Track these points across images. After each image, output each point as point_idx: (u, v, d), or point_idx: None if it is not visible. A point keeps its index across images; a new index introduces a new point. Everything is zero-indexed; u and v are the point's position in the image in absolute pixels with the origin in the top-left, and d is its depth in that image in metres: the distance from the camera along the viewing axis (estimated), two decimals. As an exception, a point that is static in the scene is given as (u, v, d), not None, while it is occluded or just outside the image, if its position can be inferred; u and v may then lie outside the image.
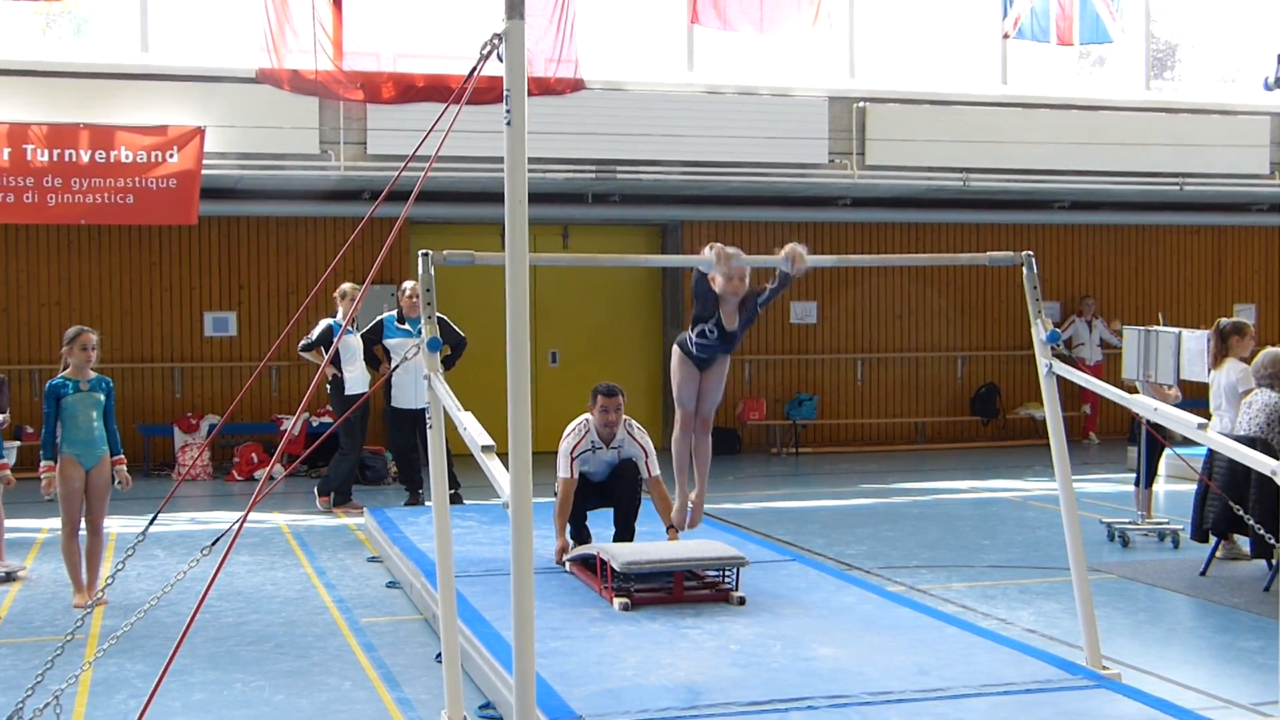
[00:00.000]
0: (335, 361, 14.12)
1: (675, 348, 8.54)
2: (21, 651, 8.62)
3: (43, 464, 9.84)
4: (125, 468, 10.13)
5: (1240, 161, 18.98)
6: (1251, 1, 19.09)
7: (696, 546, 9.71)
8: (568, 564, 10.05)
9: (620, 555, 9.09)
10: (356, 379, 14.23)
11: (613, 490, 10.61)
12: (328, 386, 14.55)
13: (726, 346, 8.36)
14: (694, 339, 8.30)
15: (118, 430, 10.14)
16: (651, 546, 9.70)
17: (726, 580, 9.37)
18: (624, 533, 10.50)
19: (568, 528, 10.35)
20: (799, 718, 6.59)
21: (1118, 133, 18.55)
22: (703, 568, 9.45)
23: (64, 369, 9.95)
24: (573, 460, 10.40)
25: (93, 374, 9.97)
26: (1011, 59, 19.10)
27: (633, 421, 10.77)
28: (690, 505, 9.16)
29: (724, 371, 8.57)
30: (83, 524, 9.90)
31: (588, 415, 10.51)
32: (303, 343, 14.33)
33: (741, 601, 9.16)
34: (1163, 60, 21.16)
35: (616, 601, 8.93)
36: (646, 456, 10.58)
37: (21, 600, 10.07)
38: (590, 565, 9.66)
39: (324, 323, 14.28)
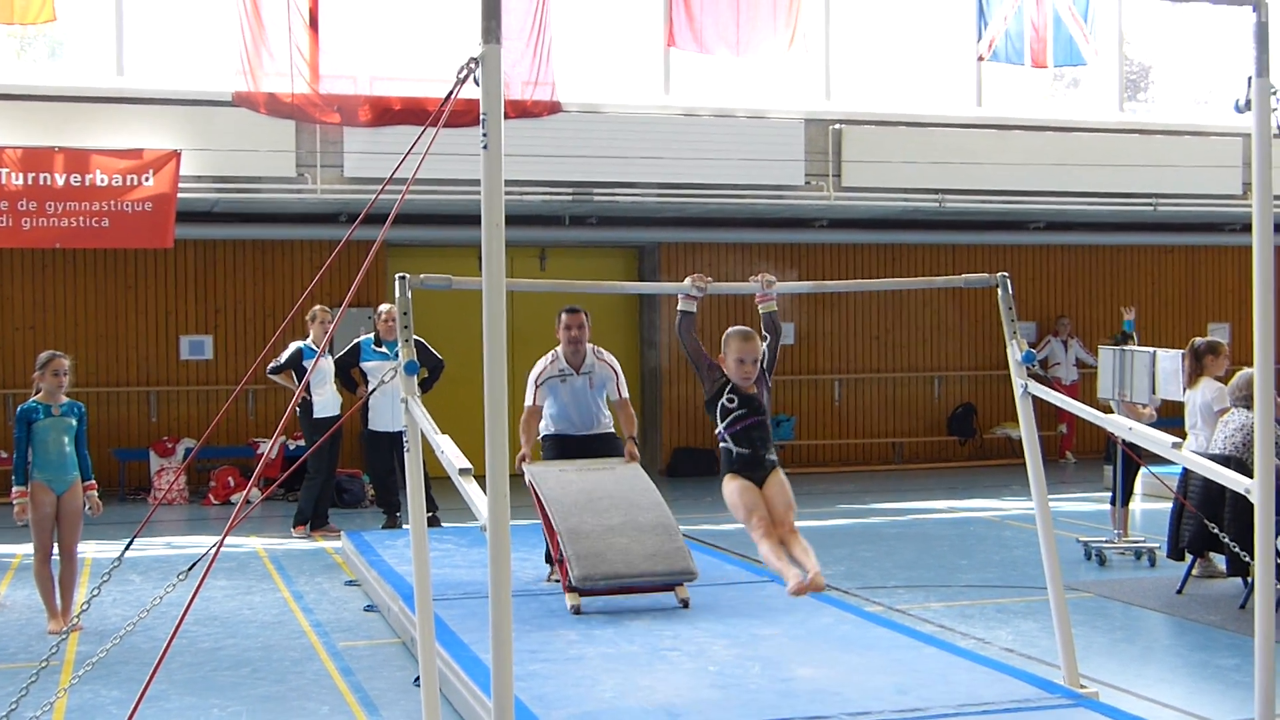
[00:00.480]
0: (305, 386, 14.10)
1: (724, 482, 7.51)
2: (-3, 677, 8.59)
3: (15, 489, 9.75)
4: (96, 493, 10.11)
5: (1213, 182, 19.10)
6: (1223, 25, 19.19)
7: (652, 550, 9.85)
8: (526, 474, 10.39)
9: (578, 566, 9.34)
10: (326, 402, 14.20)
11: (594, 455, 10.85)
12: (297, 409, 14.50)
13: (757, 411, 7.50)
14: (724, 428, 7.49)
15: (89, 456, 10.12)
16: (613, 547, 9.67)
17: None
18: None
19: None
20: (778, 739, 6.60)
21: (1092, 154, 18.63)
22: (651, 584, 9.78)
23: (35, 394, 9.92)
24: (538, 387, 10.87)
25: (65, 399, 9.94)
26: (986, 81, 19.18)
27: (600, 348, 11.05)
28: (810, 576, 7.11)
29: (783, 481, 7.46)
30: (55, 550, 9.87)
31: (557, 347, 10.87)
32: (272, 365, 14.33)
33: (685, 604, 9.69)
34: (1136, 82, 21.28)
35: (569, 603, 9.45)
36: (616, 379, 10.95)
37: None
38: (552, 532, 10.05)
39: (294, 345, 14.26)
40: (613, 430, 11.15)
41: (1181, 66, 21.59)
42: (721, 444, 7.48)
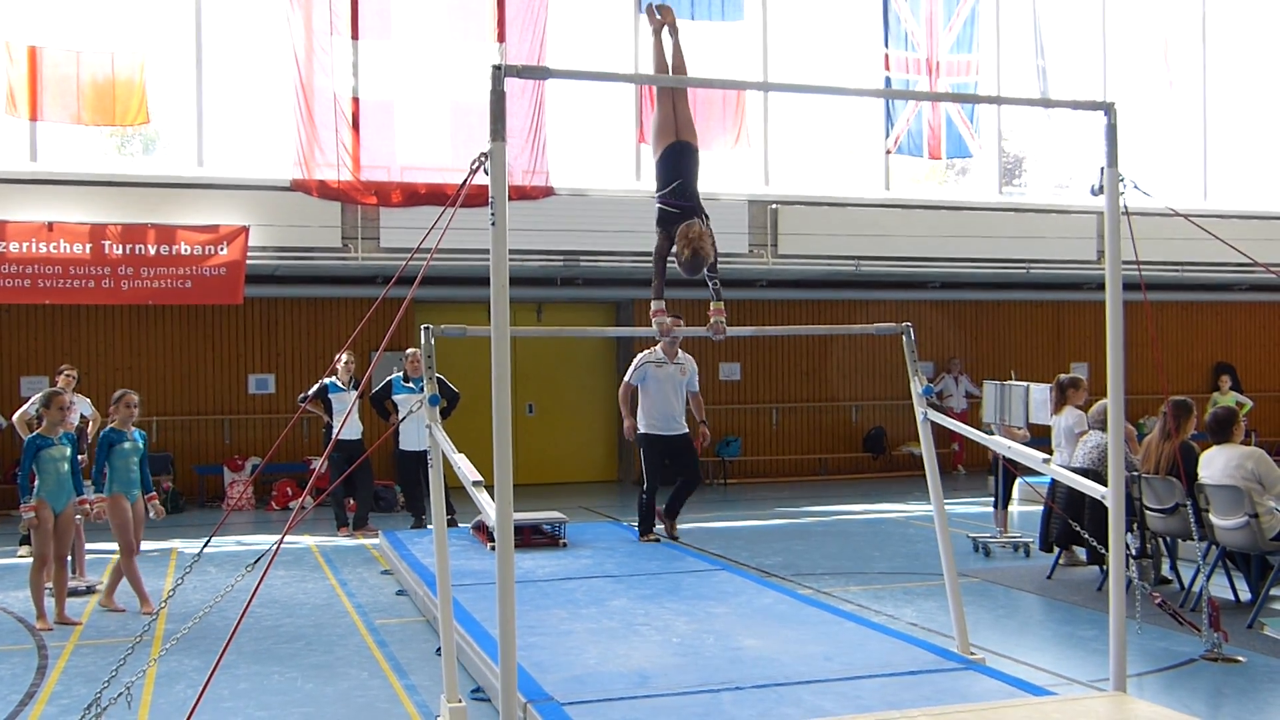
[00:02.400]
0: (329, 412, 14.18)
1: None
2: (99, 651, 8.53)
3: (95, 496, 9.94)
4: (158, 501, 10.19)
5: (1074, 250, 19.19)
6: (1081, 124, 19.32)
7: (541, 516, 12.29)
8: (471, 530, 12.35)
9: (488, 518, 9.63)
10: (347, 428, 14.15)
11: (680, 463, 12.36)
12: (324, 433, 14.56)
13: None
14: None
15: (149, 473, 10.16)
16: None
17: (558, 531, 11.99)
18: (676, 501, 12.63)
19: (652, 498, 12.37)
20: (729, 697, 6.57)
21: (977, 228, 18.70)
22: (539, 524, 12.04)
23: (111, 422, 9.88)
24: (637, 367, 12.24)
25: (133, 428, 9.91)
26: (893, 170, 19.24)
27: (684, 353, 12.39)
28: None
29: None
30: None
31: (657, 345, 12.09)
32: (301, 395, 14.47)
33: (565, 545, 11.79)
34: (1012, 170, 21.41)
35: (489, 545, 10.83)
36: (696, 374, 12.51)
37: (99, 609, 9.95)
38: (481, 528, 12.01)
39: (321, 381, 14.30)
40: (688, 431, 12.46)
41: (1048, 158, 21.74)
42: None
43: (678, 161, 7.44)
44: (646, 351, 12.36)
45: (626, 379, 12.37)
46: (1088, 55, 20.03)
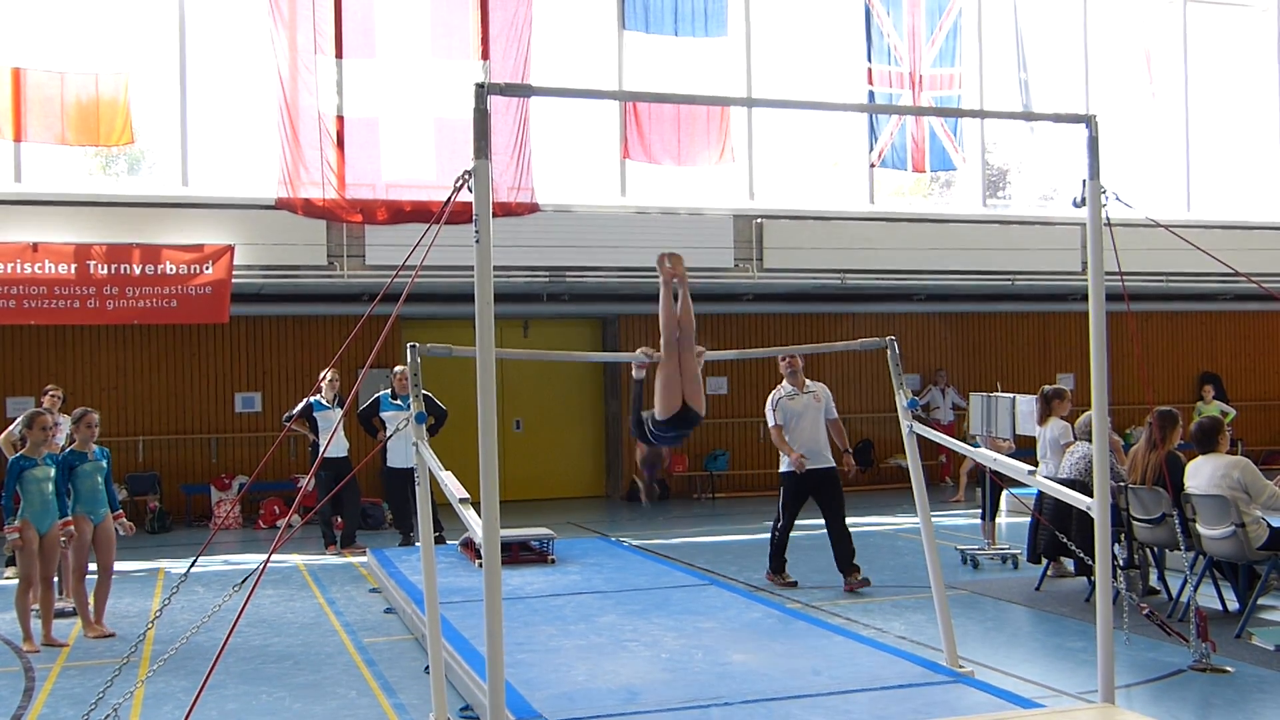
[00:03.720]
0: (314, 430, 14.20)
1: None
2: (86, 672, 8.48)
3: (61, 520, 9.61)
4: (125, 519, 10.11)
5: (1058, 262, 19.24)
6: (1063, 136, 19.39)
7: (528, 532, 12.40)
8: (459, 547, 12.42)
9: (476, 535, 9.78)
10: (334, 445, 14.13)
11: (826, 498, 11.57)
12: (310, 451, 14.56)
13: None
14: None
15: (114, 490, 10.11)
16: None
17: (546, 548, 12.07)
18: (844, 549, 11.39)
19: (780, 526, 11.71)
20: (718, 713, 6.57)
21: (961, 240, 18.76)
22: (527, 541, 12.14)
23: (69, 443, 9.81)
24: (774, 409, 11.67)
25: (94, 447, 9.84)
26: (877, 183, 19.29)
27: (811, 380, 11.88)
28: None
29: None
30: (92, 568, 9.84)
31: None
32: (286, 414, 14.49)
33: (553, 561, 11.83)
34: (996, 182, 21.47)
35: (477, 562, 10.94)
36: (830, 400, 11.81)
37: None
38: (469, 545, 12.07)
39: (306, 400, 14.28)
40: (834, 464, 11.63)
41: (1032, 170, 21.82)
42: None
43: (679, 424, 7.31)
44: (775, 390, 11.79)
45: (771, 424, 11.71)
46: (1070, 67, 20.12)
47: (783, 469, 11.67)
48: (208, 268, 15.14)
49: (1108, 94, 19.97)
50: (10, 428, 12.20)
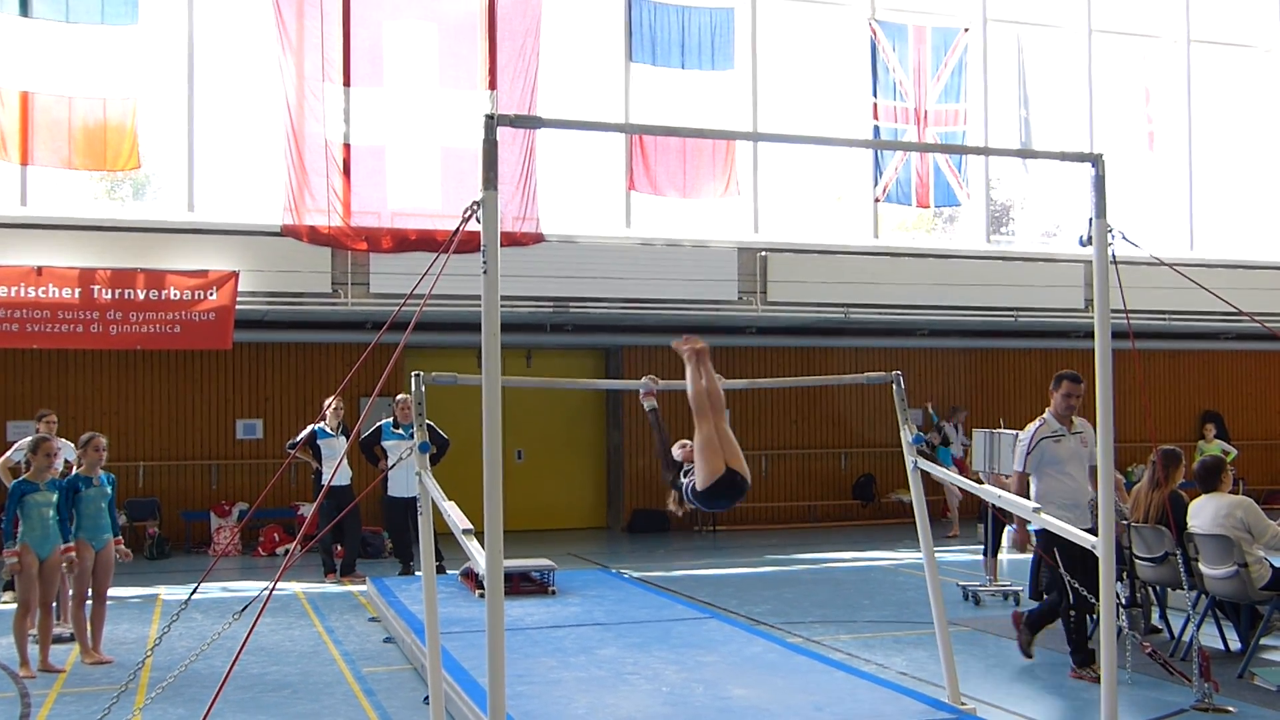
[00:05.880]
0: (317, 457, 14.23)
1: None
2: (83, 699, 8.45)
3: (62, 545, 9.54)
4: (124, 545, 10.06)
5: (1062, 299, 19.28)
6: (1069, 174, 19.44)
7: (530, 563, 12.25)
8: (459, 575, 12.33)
9: (478, 566, 9.76)
10: (338, 474, 14.08)
11: (1088, 567, 8.08)
12: (313, 478, 14.55)
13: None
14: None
15: (116, 516, 10.07)
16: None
17: (547, 579, 11.96)
18: (1087, 634, 9.00)
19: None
20: (718, 747, 6.53)
21: (965, 276, 18.79)
22: (528, 572, 12.03)
23: (78, 467, 9.80)
24: (1029, 452, 9.17)
25: (101, 472, 9.82)
26: (881, 218, 19.33)
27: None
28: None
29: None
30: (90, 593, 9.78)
31: (1045, 412, 9.49)
32: (290, 441, 14.52)
33: (554, 593, 11.76)
34: (1000, 218, 21.50)
35: (477, 593, 11.19)
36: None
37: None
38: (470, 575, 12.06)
39: (310, 428, 14.28)
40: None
41: (1036, 206, 21.86)
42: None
43: (725, 491, 7.27)
44: (1035, 425, 9.44)
45: (1019, 469, 9.26)
46: (1074, 105, 20.19)
47: (1033, 527, 9.04)
48: (212, 293, 15.17)
49: (1112, 132, 20.02)
50: (9, 453, 12.20)
